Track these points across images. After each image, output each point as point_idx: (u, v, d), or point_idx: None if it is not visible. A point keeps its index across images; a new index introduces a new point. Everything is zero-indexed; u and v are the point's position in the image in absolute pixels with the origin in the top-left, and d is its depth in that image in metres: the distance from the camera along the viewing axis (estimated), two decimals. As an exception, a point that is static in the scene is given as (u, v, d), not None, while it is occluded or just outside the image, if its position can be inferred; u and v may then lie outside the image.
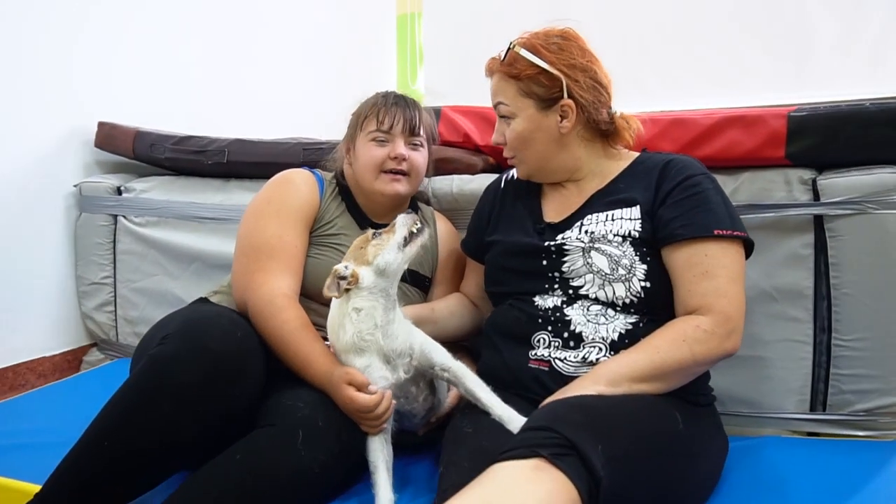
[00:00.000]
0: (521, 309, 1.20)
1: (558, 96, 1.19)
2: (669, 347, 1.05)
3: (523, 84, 1.20)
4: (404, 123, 1.39)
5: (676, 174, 1.17)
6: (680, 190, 1.14)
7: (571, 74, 1.19)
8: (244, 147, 1.98)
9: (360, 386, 1.09)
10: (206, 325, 1.10)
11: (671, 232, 1.12)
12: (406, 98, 1.44)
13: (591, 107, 1.20)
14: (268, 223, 1.33)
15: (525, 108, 1.21)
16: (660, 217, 1.14)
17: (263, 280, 1.26)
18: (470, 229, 1.44)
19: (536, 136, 1.22)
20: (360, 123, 1.42)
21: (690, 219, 1.11)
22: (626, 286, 1.12)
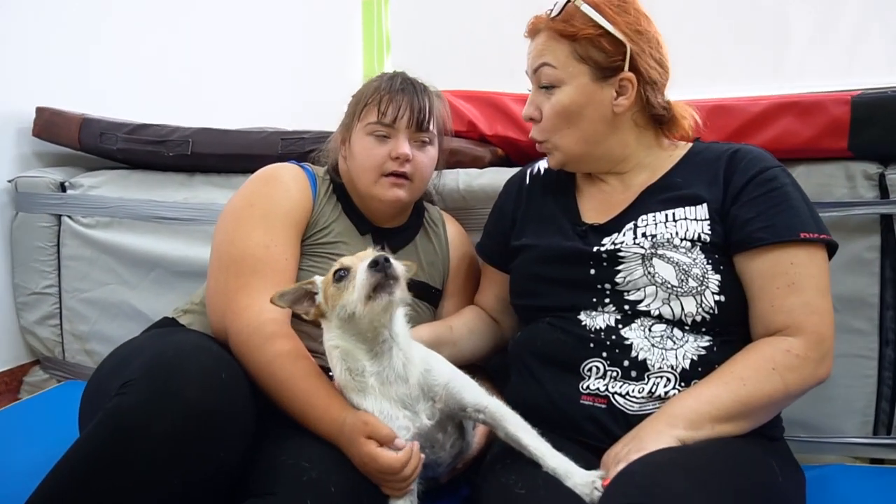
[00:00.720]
0: (564, 329, 1.00)
1: (619, 66, 1.01)
2: (757, 378, 0.88)
3: (580, 46, 1.01)
4: (410, 116, 1.16)
5: (748, 166, 0.99)
6: (755, 185, 0.97)
7: (638, 42, 1.01)
8: (211, 137, 1.74)
9: (383, 440, 0.87)
10: (179, 364, 0.86)
11: (749, 235, 0.94)
12: (416, 83, 1.21)
13: (652, 86, 1.02)
14: (251, 231, 1.09)
15: (577, 76, 1.02)
16: (734, 217, 0.96)
17: (248, 302, 1.03)
18: (488, 232, 1.24)
19: (585, 113, 1.03)
20: (358, 111, 1.19)
21: (771, 220, 0.94)
22: (698, 301, 0.94)
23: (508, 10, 3.43)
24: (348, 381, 0.92)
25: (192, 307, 1.21)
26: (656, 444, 0.82)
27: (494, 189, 1.43)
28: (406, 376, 0.92)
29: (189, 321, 1.18)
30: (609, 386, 0.94)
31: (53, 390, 1.79)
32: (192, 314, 1.19)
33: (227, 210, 1.16)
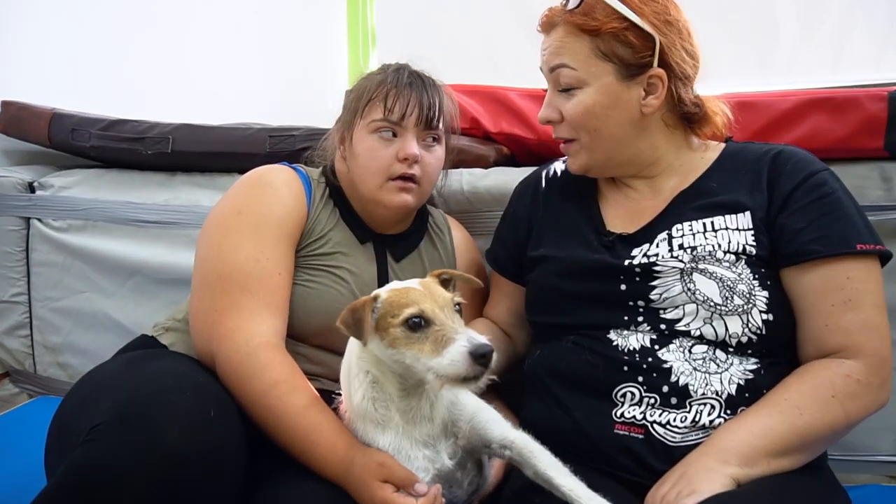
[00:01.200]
0: (592, 349, 0.91)
1: (648, 62, 0.91)
2: (815, 406, 0.80)
3: (602, 42, 0.91)
4: (419, 113, 1.06)
5: (795, 170, 0.90)
6: (804, 192, 0.88)
7: (668, 34, 0.91)
8: (193, 133, 1.62)
9: (401, 484, 0.77)
10: (158, 403, 0.74)
11: (801, 248, 0.86)
12: (424, 77, 1.11)
13: (683, 81, 0.93)
14: (240, 242, 0.98)
15: (600, 75, 0.92)
16: (782, 227, 0.88)
17: (237, 323, 0.93)
18: (500, 240, 1.14)
19: (610, 115, 0.93)
20: (361, 107, 1.08)
21: (824, 230, 0.86)
22: (744, 320, 0.85)
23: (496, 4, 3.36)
24: (369, 411, 0.83)
25: (174, 324, 1.10)
26: (709, 485, 0.74)
27: (501, 191, 1.34)
28: (432, 416, 0.83)
29: (171, 341, 1.06)
30: (647, 414, 0.85)
31: (25, 407, 1.67)
32: (175, 333, 1.08)
33: (212, 218, 1.04)
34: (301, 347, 1.03)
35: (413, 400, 0.82)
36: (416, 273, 1.16)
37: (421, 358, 0.76)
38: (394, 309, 0.78)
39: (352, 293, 1.05)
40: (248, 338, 0.91)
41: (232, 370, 0.90)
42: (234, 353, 0.90)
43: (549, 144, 1.40)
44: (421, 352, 0.76)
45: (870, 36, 3.19)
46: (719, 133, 0.98)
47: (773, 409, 0.80)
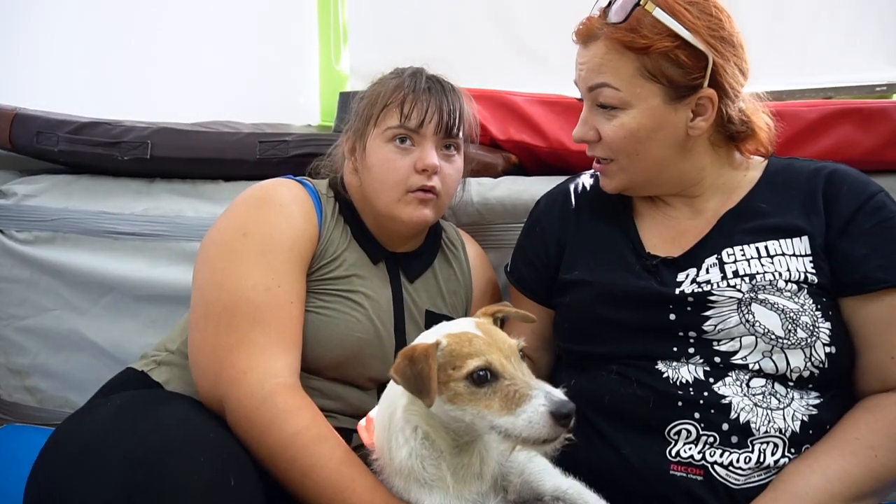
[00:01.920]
0: (641, 382, 0.85)
1: (699, 84, 0.84)
2: (890, 447, 0.76)
3: (650, 60, 0.84)
4: (439, 120, 0.98)
5: (853, 192, 0.86)
6: (865, 215, 0.84)
7: (722, 51, 0.85)
8: (174, 138, 1.50)
9: None
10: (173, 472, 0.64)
11: (866, 276, 0.82)
12: (443, 82, 1.03)
13: (733, 100, 0.87)
14: (248, 268, 0.89)
15: (646, 97, 0.85)
16: (844, 254, 0.83)
17: (249, 363, 0.83)
18: (526, 260, 1.06)
19: (655, 138, 0.87)
20: (375, 114, 1.00)
21: (888, 257, 0.82)
22: (807, 354, 0.80)
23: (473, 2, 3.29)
24: (416, 469, 0.74)
25: (167, 357, 0.99)
26: None
27: (513, 202, 1.27)
28: (482, 472, 0.75)
29: (166, 378, 0.96)
30: (706, 454, 0.80)
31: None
32: (170, 367, 0.97)
33: (212, 241, 0.94)
34: (314, 381, 0.94)
35: (465, 457, 0.75)
36: (431, 294, 1.08)
37: (487, 416, 0.67)
38: (455, 360, 0.69)
39: (369, 319, 0.97)
40: (262, 379, 0.82)
41: (246, 418, 0.80)
42: (247, 399, 0.81)
43: (560, 153, 1.34)
44: (488, 409, 0.67)
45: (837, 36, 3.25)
46: (764, 149, 0.93)
47: (847, 451, 0.76)
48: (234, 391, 0.82)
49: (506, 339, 0.72)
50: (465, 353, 0.69)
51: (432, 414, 0.73)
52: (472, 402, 0.68)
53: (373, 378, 0.99)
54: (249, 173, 1.45)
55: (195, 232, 1.45)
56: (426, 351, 0.69)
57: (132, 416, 0.77)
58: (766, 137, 0.92)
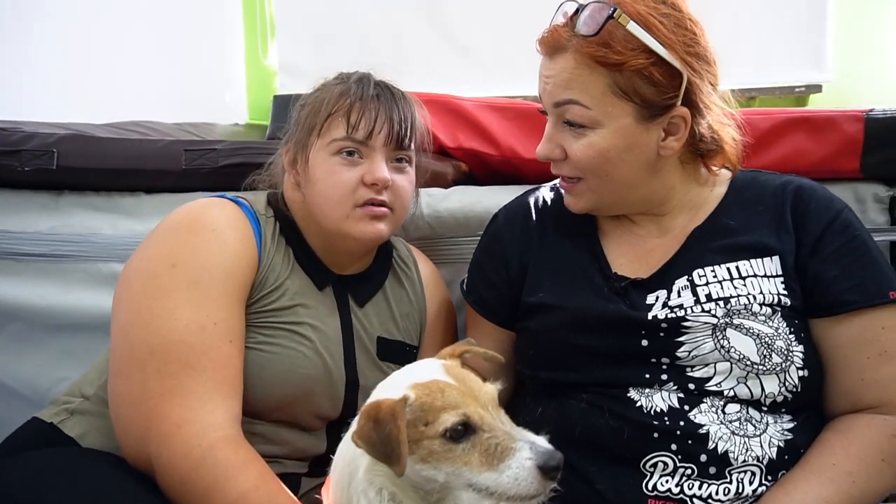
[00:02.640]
0: (613, 411, 0.81)
1: (672, 103, 0.80)
2: (868, 472, 0.75)
3: (623, 78, 0.79)
4: (389, 130, 0.91)
5: (820, 210, 0.85)
6: (833, 234, 0.83)
7: (697, 69, 0.80)
8: (86, 146, 1.35)
9: None
10: None
11: (837, 298, 0.80)
12: (392, 89, 0.96)
13: (704, 117, 0.83)
14: (178, 305, 0.79)
15: (618, 116, 0.80)
16: (815, 275, 0.82)
17: (183, 414, 0.73)
18: (486, 280, 0.99)
19: (625, 159, 0.82)
20: (318, 124, 0.91)
21: (857, 277, 0.81)
22: (781, 379, 0.78)
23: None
24: None
25: (81, 404, 0.86)
26: None
27: (465, 214, 1.21)
28: None
29: (81, 430, 0.83)
30: (684, 486, 0.76)
31: None
32: (85, 417, 0.84)
33: (135, 274, 0.83)
34: (257, 426, 0.84)
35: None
36: (383, 318, 1.00)
37: (465, 473, 0.61)
38: (426, 414, 0.62)
39: (316, 353, 0.88)
40: (199, 433, 0.72)
41: (182, 480, 0.70)
42: (182, 458, 0.71)
43: (512, 161, 1.28)
44: (467, 466, 0.60)
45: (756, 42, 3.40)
46: (731, 164, 0.90)
47: (825, 477, 0.75)
48: (165, 448, 0.72)
49: (481, 386, 0.65)
50: (437, 407, 0.62)
51: (393, 476, 0.64)
52: (449, 461, 0.61)
53: (321, 416, 0.90)
54: (175, 185, 1.32)
55: (113, 251, 1.30)
56: (393, 410, 0.60)
57: (44, 487, 0.65)
58: (734, 153, 0.89)
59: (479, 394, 0.64)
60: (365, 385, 0.94)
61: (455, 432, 0.61)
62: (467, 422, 0.61)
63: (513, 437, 0.61)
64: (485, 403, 0.63)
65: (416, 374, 0.67)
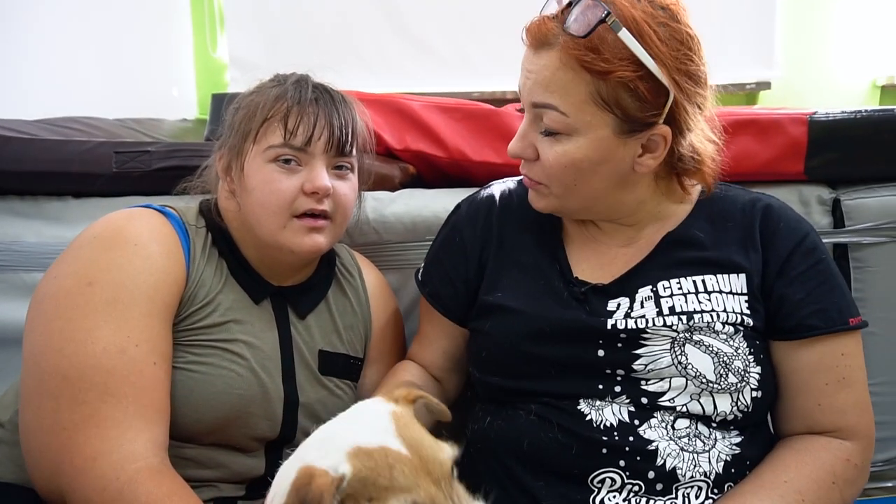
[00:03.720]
0: (562, 426, 0.78)
1: (654, 120, 0.76)
2: (818, 494, 0.75)
3: (606, 87, 0.74)
4: (329, 136, 0.86)
5: (789, 231, 0.83)
6: (801, 257, 0.82)
7: (685, 88, 0.76)
8: (6, 147, 1.26)
9: None
10: None
11: (801, 322, 0.80)
12: (331, 92, 0.91)
13: (686, 137, 0.80)
14: (95, 326, 0.73)
15: (596, 127, 0.76)
16: (781, 298, 0.81)
17: (100, 446, 0.68)
18: (444, 276, 0.95)
19: (598, 171, 0.79)
20: (253, 130, 0.86)
21: (822, 302, 0.80)
22: (734, 398, 0.77)
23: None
24: None
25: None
26: None
27: (412, 218, 1.17)
28: None
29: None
30: (630, 501, 0.75)
31: None
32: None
33: (47, 295, 0.77)
34: (188, 449, 0.79)
35: None
36: (325, 330, 0.96)
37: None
38: (369, 491, 0.53)
39: (251, 372, 0.83)
40: (117, 465, 0.67)
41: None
42: (98, 493, 0.66)
43: (461, 164, 1.25)
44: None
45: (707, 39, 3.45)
46: (707, 184, 0.87)
47: (776, 494, 0.74)
48: (79, 484, 0.67)
49: (435, 455, 0.57)
50: (382, 486, 0.54)
51: None
52: None
53: (258, 438, 0.85)
54: (105, 189, 1.24)
55: (37, 260, 1.22)
56: (321, 492, 0.51)
57: None
58: (711, 173, 0.85)
59: (432, 466, 0.56)
60: (305, 402, 0.90)
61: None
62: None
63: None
64: (438, 479, 0.56)
65: (361, 432, 0.58)
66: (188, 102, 3.55)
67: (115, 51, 2.73)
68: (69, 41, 2.41)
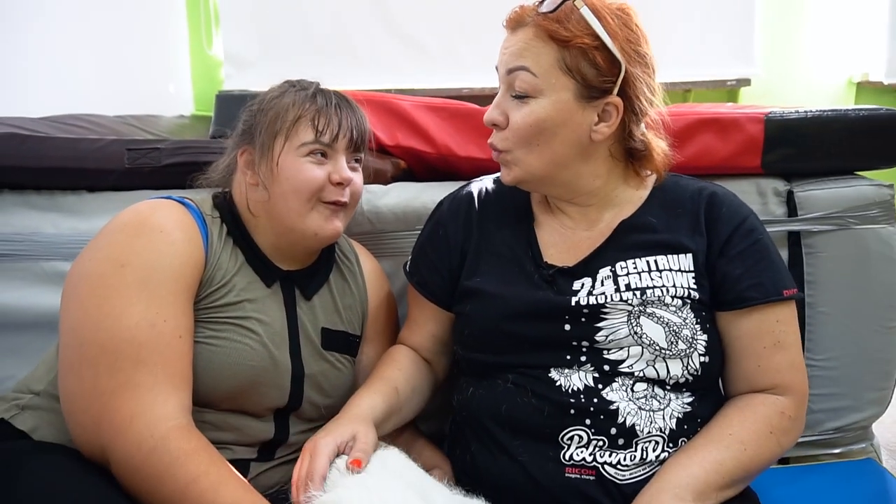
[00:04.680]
0: (535, 392, 0.89)
1: (609, 88, 0.88)
2: (757, 442, 0.85)
3: (570, 54, 0.87)
4: (351, 136, 0.99)
5: (730, 215, 0.94)
6: (740, 238, 0.93)
7: (636, 64, 0.89)
8: (24, 145, 1.34)
9: None
10: None
11: (740, 294, 0.90)
12: (348, 98, 1.04)
13: (637, 116, 0.91)
14: (128, 304, 0.82)
15: (559, 89, 0.88)
16: (723, 274, 0.91)
17: (136, 408, 0.78)
18: (431, 266, 1.06)
19: (559, 132, 0.90)
20: (286, 128, 0.96)
21: (758, 277, 0.91)
22: (684, 363, 0.88)
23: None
24: None
25: (33, 400, 0.89)
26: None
27: (404, 210, 1.27)
28: None
29: (33, 425, 0.86)
30: (596, 456, 0.86)
31: None
32: (37, 412, 0.88)
33: (82, 275, 0.86)
34: (208, 415, 0.89)
35: None
36: (327, 310, 1.06)
37: None
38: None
39: (263, 346, 0.93)
40: (152, 423, 0.77)
41: (136, 469, 0.75)
42: (136, 449, 0.75)
43: (448, 159, 1.35)
44: None
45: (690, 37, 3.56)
46: (658, 173, 0.98)
47: (721, 445, 0.84)
48: (119, 440, 0.76)
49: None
50: None
51: None
52: None
53: (268, 405, 0.96)
54: (118, 184, 1.33)
55: (56, 250, 1.31)
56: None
57: (3, 479, 0.68)
58: (662, 162, 0.96)
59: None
60: (310, 374, 1.00)
61: None
62: None
63: None
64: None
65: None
66: (184, 99, 3.61)
67: (112, 48, 2.79)
68: (68, 39, 2.47)
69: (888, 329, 1.27)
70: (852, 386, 1.28)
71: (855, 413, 1.29)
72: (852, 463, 1.30)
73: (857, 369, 1.28)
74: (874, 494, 1.20)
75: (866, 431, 1.33)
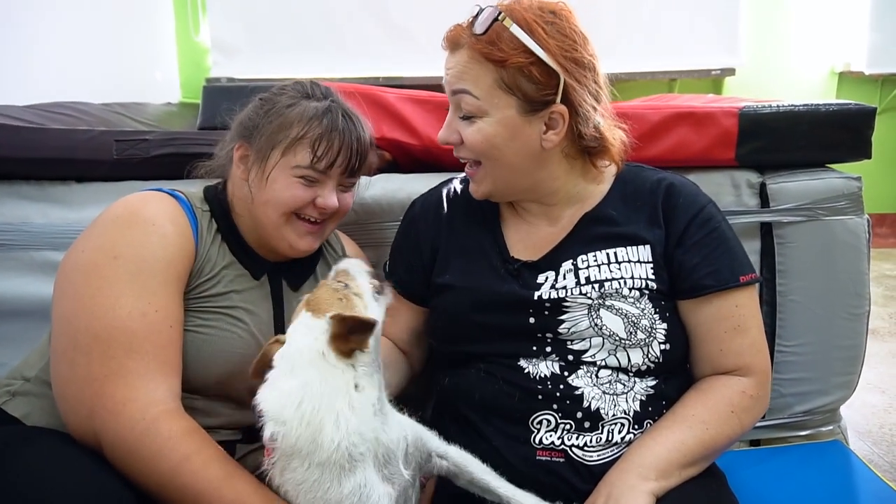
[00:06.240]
0: (506, 379, 0.93)
1: (551, 99, 0.91)
2: (718, 421, 0.89)
3: (507, 74, 0.89)
4: (347, 162, 0.99)
5: (687, 205, 0.97)
6: (696, 227, 0.96)
7: (574, 72, 0.91)
8: (15, 136, 1.36)
9: None
10: None
11: (696, 283, 0.94)
12: (353, 117, 1.02)
13: (586, 118, 0.94)
14: (120, 294, 0.85)
15: (502, 108, 0.91)
16: (680, 264, 0.95)
17: (127, 393, 0.81)
18: (406, 265, 1.10)
19: (510, 147, 0.93)
20: (283, 144, 0.97)
21: (715, 265, 0.94)
22: (644, 352, 0.92)
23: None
24: (353, 446, 0.77)
25: (24, 386, 0.92)
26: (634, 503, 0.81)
27: (388, 201, 1.30)
28: (391, 419, 0.82)
29: (25, 411, 0.90)
30: (564, 439, 0.90)
31: None
32: (29, 398, 0.91)
33: (76, 266, 0.88)
34: (196, 401, 0.93)
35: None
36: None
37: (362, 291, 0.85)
38: (331, 294, 0.83)
39: (250, 335, 0.97)
40: (142, 408, 0.80)
41: (129, 451, 0.78)
42: (128, 432, 0.78)
43: (432, 151, 1.38)
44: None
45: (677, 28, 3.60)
46: (616, 162, 1.01)
47: (683, 425, 0.89)
48: (112, 424, 0.79)
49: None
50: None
51: (370, 363, 0.79)
52: None
53: (254, 392, 0.99)
54: (107, 174, 1.35)
55: (45, 240, 1.33)
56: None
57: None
58: (618, 152, 0.99)
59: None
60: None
61: None
62: None
63: None
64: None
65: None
66: (171, 85, 3.59)
67: (98, 35, 2.78)
68: (54, 28, 2.46)
69: (855, 316, 1.33)
70: (821, 370, 1.34)
71: (823, 396, 1.35)
72: (819, 444, 1.36)
73: (826, 355, 1.33)
74: (839, 474, 1.26)
75: (834, 414, 1.39)
